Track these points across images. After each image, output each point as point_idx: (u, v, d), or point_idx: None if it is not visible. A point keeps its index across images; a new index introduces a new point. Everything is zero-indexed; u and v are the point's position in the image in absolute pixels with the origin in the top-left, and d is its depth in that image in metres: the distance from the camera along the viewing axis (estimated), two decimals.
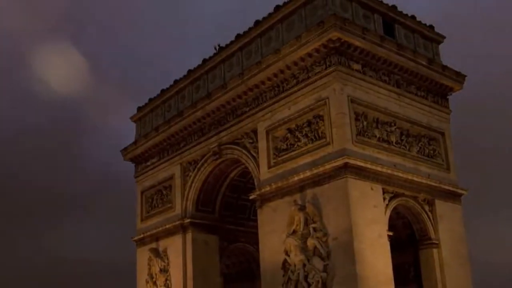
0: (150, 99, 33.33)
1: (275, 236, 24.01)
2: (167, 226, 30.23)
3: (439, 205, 24.92)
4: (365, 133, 23.26)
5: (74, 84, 63.61)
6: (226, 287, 30.78)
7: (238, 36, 27.51)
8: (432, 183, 24.80)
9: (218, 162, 28.75)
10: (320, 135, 23.30)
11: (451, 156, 26.30)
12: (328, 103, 23.09)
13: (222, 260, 30.50)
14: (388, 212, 23.12)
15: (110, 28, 68.32)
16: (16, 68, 65.34)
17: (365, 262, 21.31)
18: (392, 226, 23.38)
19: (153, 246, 30.91)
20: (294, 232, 23.19)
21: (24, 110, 64.26)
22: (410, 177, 23.93)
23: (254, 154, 26.17)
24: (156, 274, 30.30)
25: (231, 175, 29.94)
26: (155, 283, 30.36)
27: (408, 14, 26.21)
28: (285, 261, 23.40)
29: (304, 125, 24.02)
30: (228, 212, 31.00)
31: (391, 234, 22.90)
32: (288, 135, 24.57)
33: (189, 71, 30.42)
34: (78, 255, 59.31)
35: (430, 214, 24.72)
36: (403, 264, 24.71)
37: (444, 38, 27.60)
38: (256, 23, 26.57)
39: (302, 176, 23.26)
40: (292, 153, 24.23)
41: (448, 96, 27.17)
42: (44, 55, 63.70)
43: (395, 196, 23.54)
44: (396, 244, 23.32)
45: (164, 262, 30.08)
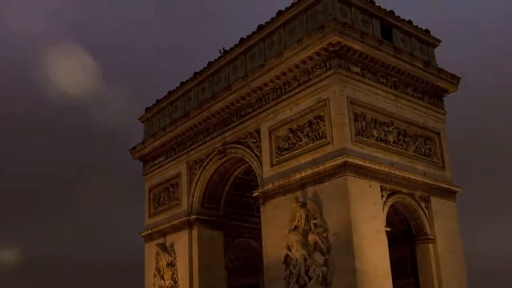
0: (158, 100, 33.77)
1: (277, 231, 24.45)
2: (174, 222, 30.75)
3: (435, 202, 25.39)
4: (364, 133, 23.76)
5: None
6: (231, 281, 31.49)
7: (242, 40, 28.04)
8: (428, 181, 25.30)
9: (222, 160, 29.31)
10: (321, 135, 23.82)
11: (446, 155, 26.78)
12: (328, 104, 23.63)
13: (227, 254, 31.09)
14: (386, 209, 23.64)
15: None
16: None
17: (364, 256, 21.80)
18: (389, 222, 23.88)
19: (160, 241, 31.42)
20: (296, 228, 23.67)
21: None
22: (407, 175, 24.46)
23: (258, 153, 26.70)
24: (163, 268, 30.91)
25: (235, 173, 30.50)
26: (162, 277, 30.96)
27: (405, 19, 26.76)
28: (287, 255, 23.87)
29: (305, 125, 24.53)
30: (233, 208, 31.56)
31: (389, 230, 23.36)
32: (290, 134, 25.09)
33: (195, 74, 30.91)
34: None
35: (426, 210, 25.19)
36: (400, 259, 25.12)
37: (440, 41, 28.10)
38: (259, 27, 27.10)
39: (303, 174, 23.78)
40: (294, 152, 24.75)
41: (443, 98, 27.68)
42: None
43: (392, 193, 24.03)
44: (393, 239, 23.68)
45: (171, 256, 30.64)
